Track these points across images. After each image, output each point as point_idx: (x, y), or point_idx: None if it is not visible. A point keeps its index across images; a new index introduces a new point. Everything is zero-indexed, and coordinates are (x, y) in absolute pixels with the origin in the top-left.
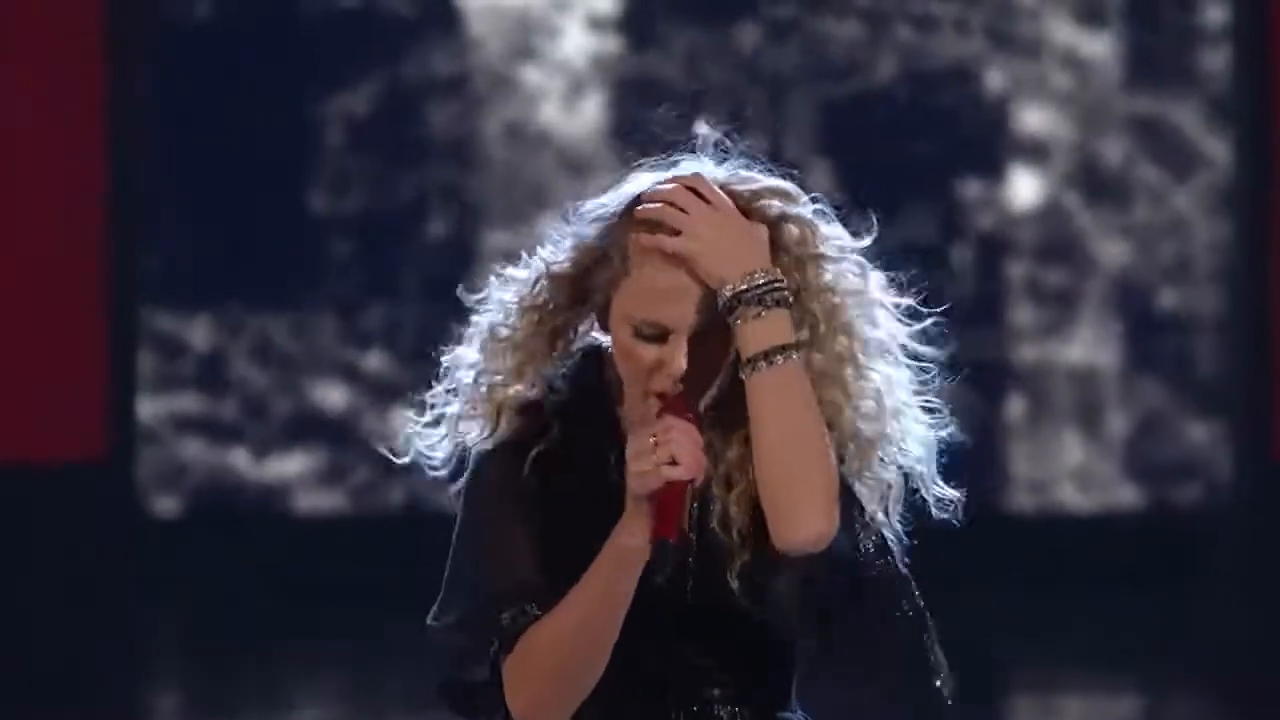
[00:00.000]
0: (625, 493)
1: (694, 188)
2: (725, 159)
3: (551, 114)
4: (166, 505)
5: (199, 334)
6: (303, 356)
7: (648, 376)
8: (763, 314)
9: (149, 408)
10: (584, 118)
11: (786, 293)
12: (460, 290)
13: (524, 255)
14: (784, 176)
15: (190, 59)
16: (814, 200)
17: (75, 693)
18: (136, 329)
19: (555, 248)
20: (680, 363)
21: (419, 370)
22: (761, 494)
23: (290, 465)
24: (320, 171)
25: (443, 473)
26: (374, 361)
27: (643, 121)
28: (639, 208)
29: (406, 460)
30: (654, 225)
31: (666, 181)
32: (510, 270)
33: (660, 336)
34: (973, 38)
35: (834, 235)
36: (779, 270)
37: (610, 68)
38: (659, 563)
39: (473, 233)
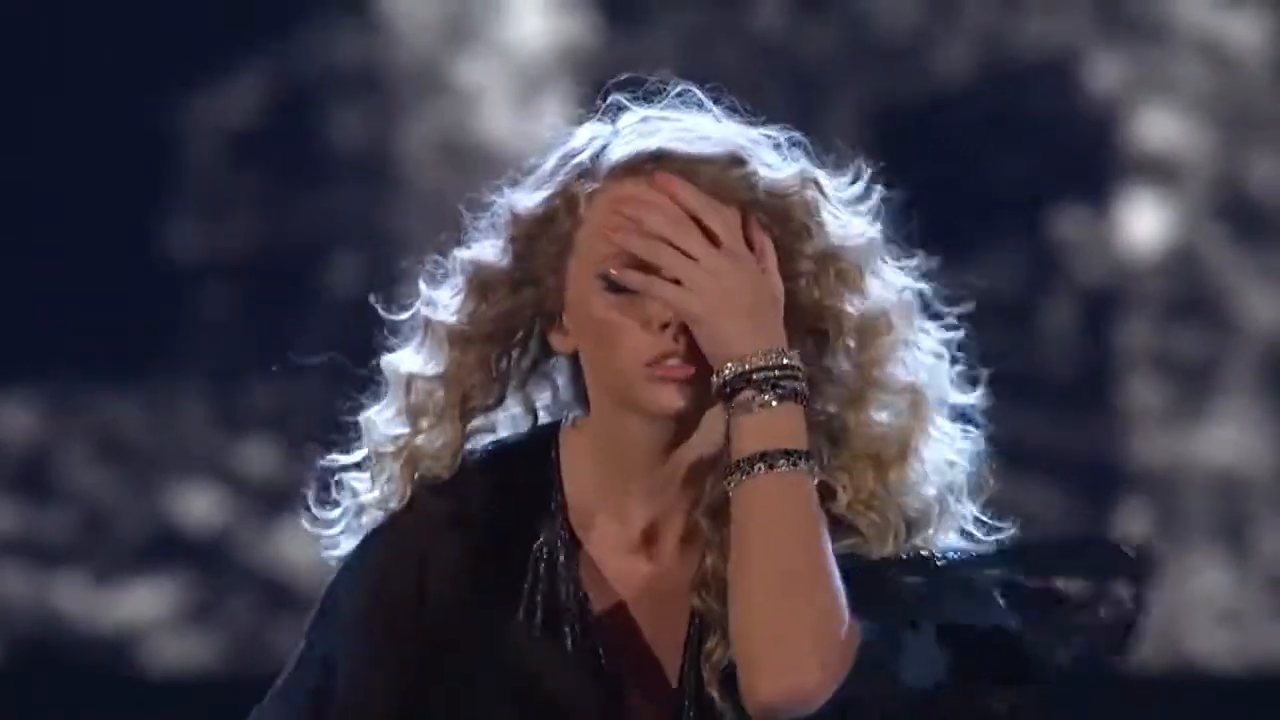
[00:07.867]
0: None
1: (698, 216)
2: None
3: (498, 121)
4: None
5: (14, 421)
6: (160, 451)
7: (643, 349)
8: (774, 405)
9: None
10: (542, 126)
11: (803, 384)
12: (375, 299)
13: (442, 263)
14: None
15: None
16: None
17: None
18: None
19: (480, 240)
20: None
21: (320, 468)
22: (736, 634)
23: (141, 603)
24: (184, 199)
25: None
26: (258, 458)
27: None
28: (610, 163)
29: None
30: (632, 176)
31: (645, 174)
32: (432, 289)
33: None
34: (1073, 17)
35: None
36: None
37: (579, 57)
38: None
39: (391, 280)
